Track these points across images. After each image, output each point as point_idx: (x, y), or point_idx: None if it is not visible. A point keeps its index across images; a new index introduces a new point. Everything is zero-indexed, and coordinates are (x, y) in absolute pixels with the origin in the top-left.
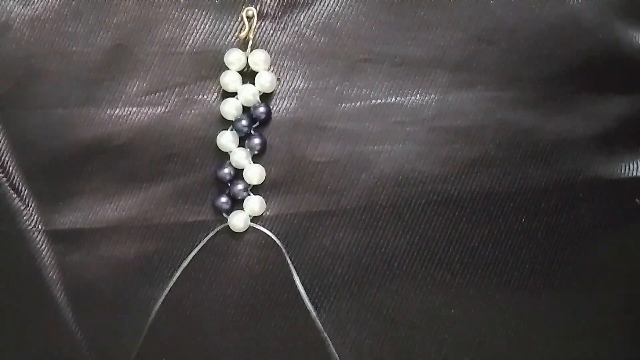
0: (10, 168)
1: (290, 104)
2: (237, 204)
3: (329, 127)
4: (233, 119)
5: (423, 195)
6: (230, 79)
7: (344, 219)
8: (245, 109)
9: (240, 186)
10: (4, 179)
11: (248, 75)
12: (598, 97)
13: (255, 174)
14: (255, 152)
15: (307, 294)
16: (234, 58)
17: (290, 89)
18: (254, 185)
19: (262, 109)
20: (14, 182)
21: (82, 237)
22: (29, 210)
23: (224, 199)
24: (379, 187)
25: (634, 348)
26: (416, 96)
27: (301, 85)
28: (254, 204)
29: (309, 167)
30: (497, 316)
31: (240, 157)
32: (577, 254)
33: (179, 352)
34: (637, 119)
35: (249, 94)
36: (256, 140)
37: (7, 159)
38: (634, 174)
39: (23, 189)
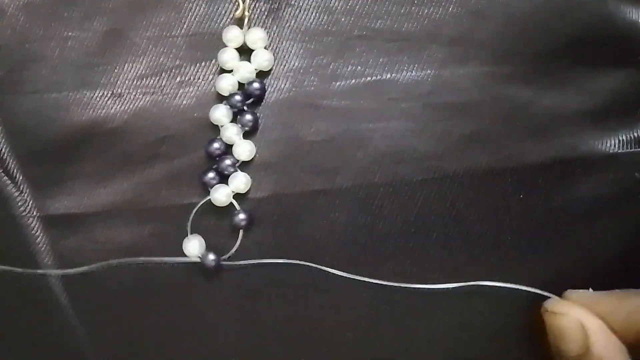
0: (5, 154)
1: (285, 84)
2: (224, 179)
3: (323, 106)
4: (228, 95)
5: (419, 172)
6: (228, 56)
7: (339, 198)
8: (241, 87)
9: (228, 161)
10: None
11: (245, 53)
12: (592, 72)
13: (244, 150)
14: (247, 129)
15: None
16: (233, 35)
17: (285, 69)
18: (243, 164)
19: (256, 85)
20: (8, 168)
21: (76, 222)
22: (23, 196)
23: (211, 174)
24: (375, 165)
25: None
26: (411, 72)
27: (295, 65)
28: (239, 181)
29: (304, 147)
30: (494, 293)
31: (231, 132)
32: (576, 229)
33: (176, 335)
34: (631, 93)
35: (245, 71)
36: (248, 117)
37: (1, 145)
38: (631, 148)
39: (17, 175)
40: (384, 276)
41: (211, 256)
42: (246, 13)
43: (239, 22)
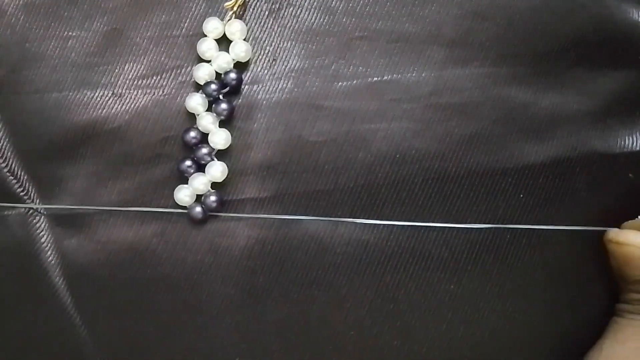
0: (8, 153)
1: (287, 84)
2: (201, 168)
3: (325, 107)
4: (204, 84)
5: (420, 172)
6: (207, 47)
7: (342, 198)
8: (218, 77)
9: (204, 150)
10: (3, 165)
11: (224, 45)
12: (592, 73)
13: (220, 138)
14: (222, 118)
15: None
16: (212, 27)
17: (286, 69)
18: (220, 153)
19: (232, 75)
20: (12, 167)
21: (79, 221)
22: (29, 194)
23: (188, 163)
24: (376, 165)
25: None
26: (412, 73)
27: (297, 65)
28: (216, 170)
29: (306, 147)
30: (494, 291)
31: (207, 121)
32: (574, 229)
33: (178, 334)
34: (631, 94)
35: (223, 61)
36: (223, 106)
37: (4, 144)
38: (629, 149)
39: (22, 174)
40: (386, 274)
41: (198, 208)
42: (235, 8)
43: (235, 13)
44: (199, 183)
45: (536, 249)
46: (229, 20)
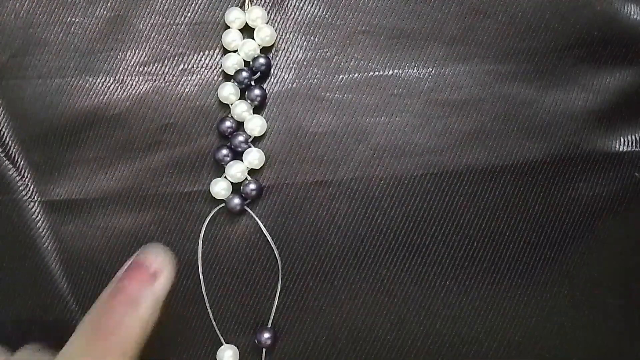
0: (7, 139)
1: (288, 76)
2: (237, 156)
3: (325, 98)
4: (234, 73)
5: (419, 167)
6: (231, 38)
7: (340, 190)
8: (246, 65)
9: (241, 137)
10: (0, 150)
11: (248, 33)
12: (596, 70)
13: (256, 125)
14: (256, 104)
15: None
16: (234, 17)
17: (288, 61)
18: (255, 140)
19: (261, 60)
20: (10, 152)
21: (77, 208)
22: (24, 180)
23: (224, 151)
24: (375, 158)
25: (628, 319)
26: (413, 69)
27: (299, 57)
28: (253, 157)
29: (306, 138)
30: (491, 289)
31: (241, 109)
32: (574, 227)
33: (176, 322)
34: (635, 92)
35: (249, 48)
36: (256, 92)
37: (3, 129)
38: (633, 147)
39: (19, 160)
40: (382, 267)
41: (236, 200)
42: None
43: (242, 4)
44: (237, 170)
45: (535, 247)
46: (247, 8)
